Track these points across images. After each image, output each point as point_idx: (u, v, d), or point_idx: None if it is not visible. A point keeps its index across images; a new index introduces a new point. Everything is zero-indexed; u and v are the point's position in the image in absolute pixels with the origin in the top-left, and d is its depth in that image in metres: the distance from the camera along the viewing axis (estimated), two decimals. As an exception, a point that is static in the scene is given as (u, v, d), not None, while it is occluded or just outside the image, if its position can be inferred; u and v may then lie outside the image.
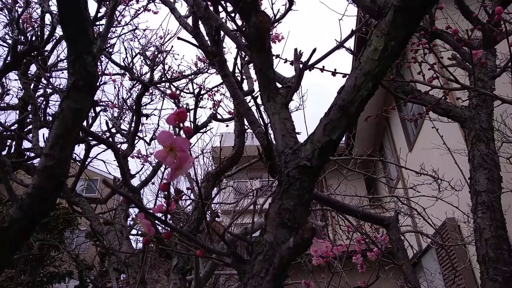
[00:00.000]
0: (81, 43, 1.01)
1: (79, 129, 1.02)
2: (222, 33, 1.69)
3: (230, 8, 1.21)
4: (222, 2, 1.17)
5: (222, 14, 1.55)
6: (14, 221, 0.92)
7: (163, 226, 0.60)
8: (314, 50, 0.99)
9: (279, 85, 0.99)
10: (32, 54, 2.68)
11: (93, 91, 1.05)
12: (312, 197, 0.81)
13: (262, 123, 1.33)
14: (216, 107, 4.01)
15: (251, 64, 3.34)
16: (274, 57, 1.81)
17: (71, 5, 0.96)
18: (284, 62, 1.71)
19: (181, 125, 0.54)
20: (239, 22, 1.49)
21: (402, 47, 0.68)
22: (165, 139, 0.54)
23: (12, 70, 2.30)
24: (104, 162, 5.22)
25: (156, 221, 0.60)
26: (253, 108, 1.52)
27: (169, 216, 0.63)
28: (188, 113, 0.59)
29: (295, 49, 1.10)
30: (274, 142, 0.84)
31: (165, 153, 0.55)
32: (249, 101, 1.91)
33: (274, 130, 0.85)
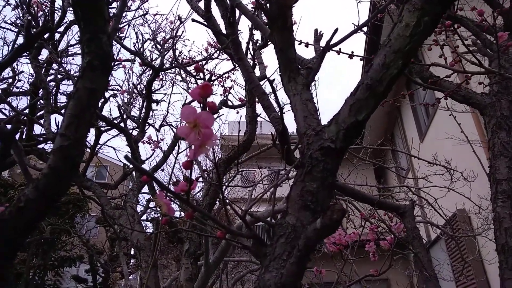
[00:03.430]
0: (97, 22, 0.98)
1: (94, 110, 1.01)
2: (237, 15, 1.65)
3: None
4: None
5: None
6: (30, 200, 0.91)
7: (184, 205, 0.58)
8: (336, 30, 0.96)
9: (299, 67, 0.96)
10: (45, 36, 2.67)
11: (108, 71, 1.03)
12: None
13: (278, 107, 1.31)
14: (227, 94, 3.98)
15: (263, 50, 3.30)
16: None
17: (87, -18, 0.94)
18: (299, 44, 1.66)
19: (206, 100, 0.51)
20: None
21: (435, 23, 0.64)
22: (188, 114, 0.52)
23: (25, 51, 2.30)
24: (114, 148, 5.25)
25: (177, 201, 0.58)
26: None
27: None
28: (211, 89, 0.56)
29: (315, 30, 1.07)
30: (295, 124, 0.82)
31: (188, 130, 0.52)
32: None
33: (295, 111, 0.82)
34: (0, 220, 0.87)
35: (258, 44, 2.86)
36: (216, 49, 3.90)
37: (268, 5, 0.84)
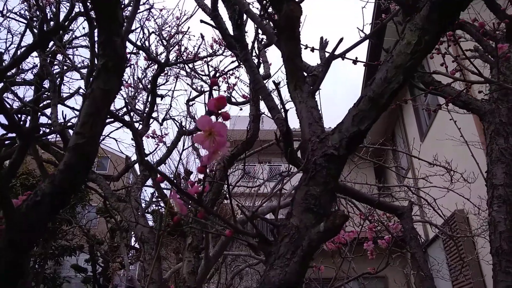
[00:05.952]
0: (111, 26, 1.02)
1: (108, 109, 1.05)
2: (244, 17, 1.69)
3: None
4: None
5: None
6: (46, 195, 0.96)
7: (197, 206, 0.63)
8: (341, 40, 1.00)
9: (304, 74, 1.00)
10: (58, 32, 2.71)
11: (122, 73, 1.07)
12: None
13: (283, 109, 1.35)
14: (231, 90, 4.02)
15: (268, 48, 3.33)
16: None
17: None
18: (305, 49, 1.70)
19: (220, 110, 0.56)
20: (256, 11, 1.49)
21: (435, 42, 0.68)
22: (204, 123, 0.57)
23: (38, 49, 2.34)
24: (116, 140, 5.32)
25: (190, 201, 0.63)
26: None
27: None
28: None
29: (321, 38, 1.11)
30: (301, 130, 0.86)
31: (204, 137, 0.57)
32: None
33: (300, 118, 0.87)
34: (18, 214, 0.92)
35: (263, 42, 2.90)
36: (220, 46, 3.93)
37: (276, 15, 0.88)
